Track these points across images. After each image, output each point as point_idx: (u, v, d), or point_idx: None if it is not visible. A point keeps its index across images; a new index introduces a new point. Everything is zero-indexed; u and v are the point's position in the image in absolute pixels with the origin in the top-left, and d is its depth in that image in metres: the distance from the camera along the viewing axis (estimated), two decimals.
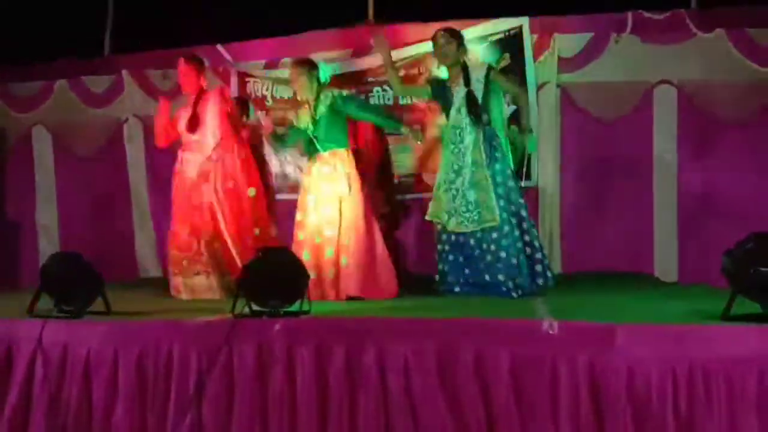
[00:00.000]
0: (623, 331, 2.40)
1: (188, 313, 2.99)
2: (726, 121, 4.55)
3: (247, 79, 5.62)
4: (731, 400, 2.26)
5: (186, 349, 2.69)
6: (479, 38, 5.02)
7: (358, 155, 4.29)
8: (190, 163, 4.23)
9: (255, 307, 2.83)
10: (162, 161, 5.76)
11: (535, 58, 4.91)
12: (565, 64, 4.91)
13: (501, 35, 5.01)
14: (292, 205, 4.40)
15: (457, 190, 3.72)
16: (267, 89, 5.59)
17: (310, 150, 4.08)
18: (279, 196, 5.28)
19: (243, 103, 5.20)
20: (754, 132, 4.47)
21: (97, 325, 2.85)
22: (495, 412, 2.43)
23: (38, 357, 2.78)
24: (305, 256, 3.77)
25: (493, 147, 3.75)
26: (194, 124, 4.18)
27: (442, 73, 4.09)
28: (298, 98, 4.13)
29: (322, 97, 3.98)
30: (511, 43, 4.98)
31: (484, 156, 3.69)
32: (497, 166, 3.74)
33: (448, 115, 3.86)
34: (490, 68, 3.90)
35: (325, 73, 4.18)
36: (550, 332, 2.45)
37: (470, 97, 3.71)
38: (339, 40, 5.44)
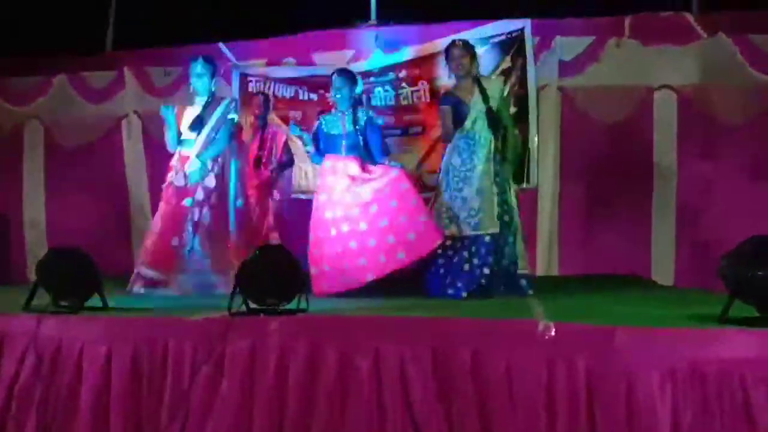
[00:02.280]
0: (621, 333, 2.38)
1: (184, 310, 2.98)
2: (726, 125, 4.56)
3: (249, 78, 5.63)
4: (729, 404, 2.25)
5: (181, 345, 2.67)
6: (481, 40, 5.05)
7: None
8: (186, 161, 4.21)
9: (252, 305, 2.82)
10: (161, 157, 5.78)
11: (536, 60, 4.93)
12: (566, 66, 4.93)
13: (503, 37, 5.03)
14: None
15: (464, 199, 3.78)
16: (269, 88, 5.59)
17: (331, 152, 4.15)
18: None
19: (265, 98, 5.21)
20: (754, 136, 4.48)
21: (93, 321, 2.84)
22: (491, 412, 2.42)
23: (32, 352, 2.76)
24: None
25: (499, 159, 3.86)
26: (199, 123, 4.17)
27: (445, 80, 4.15)
28: (338, 107, 4.19)
29: (360, 112, 4.15)
30: (512, 45, 4.99)
31: (492, 169, 3.80)
32: (498, 179, 3.83)
33: (456, 125, 3.86)
34: (501, 91, 3.98)
35: (359, 87, 4.34)
36: (547, 336, 2.45)
37: (491, 114, 3.80)
38: (341, 41, 5.46)
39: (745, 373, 2.25)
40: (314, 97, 5.57)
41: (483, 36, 5.05)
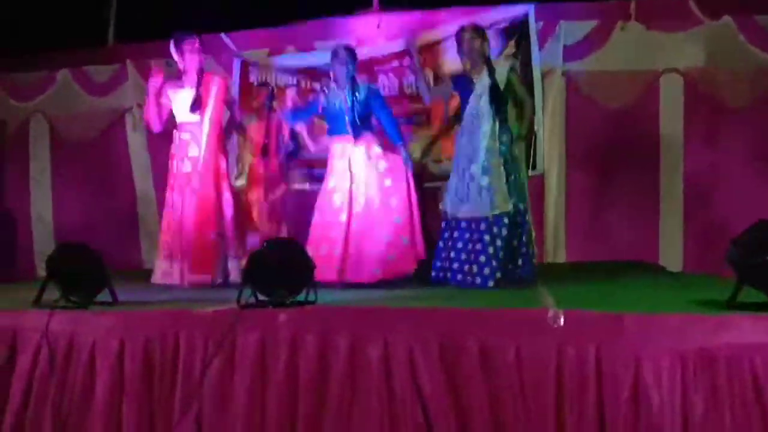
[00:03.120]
0: (630, 320, 2.39)
1: (194, 304, 3.00)
2: (732, 108, 4.51)
3: (251, 68, 5.60)
4: (739, 389, 2.26)
5: (192, 339, 2.69)
6: (485, 26, 4.99)
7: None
8: (188, 146, 4.19)
9: (261, 297, 2.83)
10: (165, 149, 5.78)
11: (541, 45, 4.87)
12: (571, 51, 4.89)
13: (507, 23, 4.98)
14: None
15: (472, 176, 3.77)
16: (270, 77, 5.56)
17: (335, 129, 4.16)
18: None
19: (270, 90, 5.17)
20: (761, 119, 4.44)
21: (104, 316, 2.86)
22: (500, 402, 2.43)
23: (44, 348, 2.79)
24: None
25: (508, 139, 3.84)
26: (198, 104, 4.12)
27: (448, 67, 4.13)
28: (339, 82, 4.15)
29: (360, 87, 4.15)
30: (516, 31, 4.94)
31: (498, 144, 3.78)
32: (508, 156, 3.82)
33: (465, 104, 3.88)
34: (512, 68, 3.95)
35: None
36: (556, 324, 2.45)
37: (494, 87, 3.79)
38: (343, 29, 5.42)
39: (755, 359, 2.26)
40: (316, 86, 5.54)
41: (487, 22, 5.00)
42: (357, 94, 4.09)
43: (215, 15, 5.64)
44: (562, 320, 2.45)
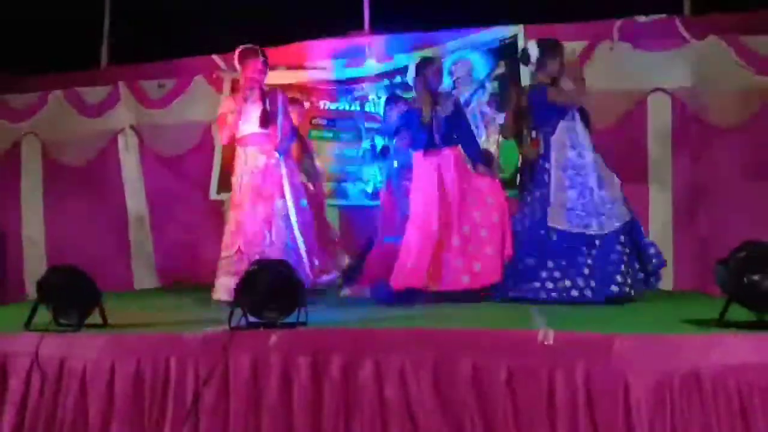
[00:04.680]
0: (619, 340, 2.40)
1: (185, 326, 2.99)
2: (720, 127, 4.55)
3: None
4: (727, 408, 2.27)
5: (183, 361, 2.69)
6: (475, 46, 5.08)
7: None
8: (257, 159, 4.14)
9: (252, 319, 2.83)
10: (158, 171, 5.80)
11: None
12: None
13: (496, 44, 5.06)
14: None
15: (591, 190, 3.74)
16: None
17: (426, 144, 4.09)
18: None
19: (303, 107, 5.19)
20: (749, 138, 4.48)
21: (95, 338, 2.85)
22: (492, 423, 2.43)
23: (35, 371, 2.78)
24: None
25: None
26: (267, 119, 4.09)
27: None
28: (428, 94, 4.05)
29: (443, 96, 4.09)
30: (506, 52, 5.02)
31: (600, 159, 3.84)
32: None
33: (542, 115, 3.90)
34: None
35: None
36: (546, 343, 2.46)
37: (583, 109, 3.94)
38: (334, 50, 5.48)
39: (743, 379, 2.26)
40: (306, 104, 5.58)
41: (477, 43, 5.08)
42: (444, 106, 3.99)
43: (206, 37, 5.67)
44: (551, 340, 2.46)
